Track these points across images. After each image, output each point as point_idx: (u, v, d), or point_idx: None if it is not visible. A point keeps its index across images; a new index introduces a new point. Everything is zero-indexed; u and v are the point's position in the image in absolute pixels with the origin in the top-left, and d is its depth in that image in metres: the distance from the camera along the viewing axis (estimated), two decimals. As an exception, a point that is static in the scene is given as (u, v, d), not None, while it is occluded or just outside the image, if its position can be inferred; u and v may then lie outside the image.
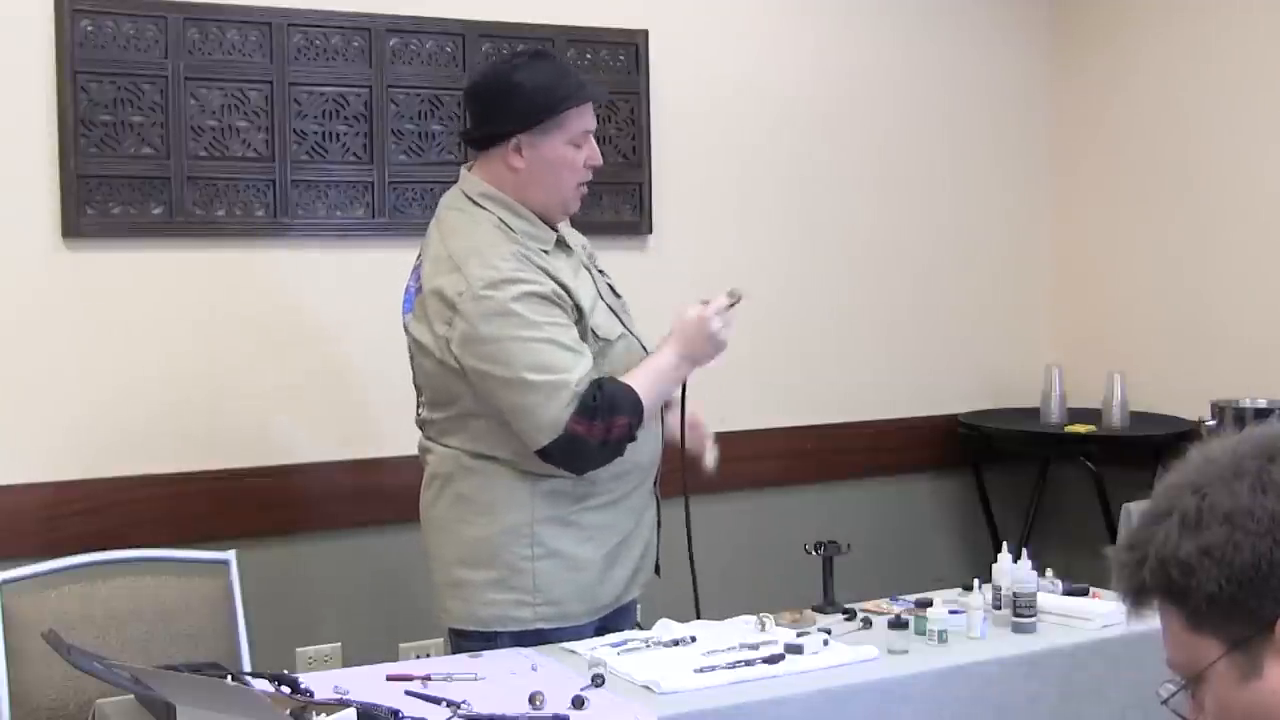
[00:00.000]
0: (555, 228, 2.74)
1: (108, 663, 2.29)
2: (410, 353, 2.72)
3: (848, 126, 4.36)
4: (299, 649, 3.59)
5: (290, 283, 3.59)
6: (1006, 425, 4.46)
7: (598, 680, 2.32)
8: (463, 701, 2.22)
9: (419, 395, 2.76)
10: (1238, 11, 4.19)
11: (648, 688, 2.32)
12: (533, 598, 2.64)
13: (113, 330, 3.40)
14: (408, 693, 2.28)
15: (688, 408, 2.83)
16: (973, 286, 4.61)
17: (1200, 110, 4.29)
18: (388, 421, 3.54)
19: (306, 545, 3.61)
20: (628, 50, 3.98)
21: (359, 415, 3.65)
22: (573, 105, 2.66)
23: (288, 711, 2.05)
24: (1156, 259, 4.45)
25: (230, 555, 2.98)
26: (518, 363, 2.53)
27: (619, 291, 2.85)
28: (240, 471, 3.52)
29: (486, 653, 2.55)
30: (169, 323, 3.45)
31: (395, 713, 2.13)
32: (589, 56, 3.92)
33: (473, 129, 2.79)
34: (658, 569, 2.86)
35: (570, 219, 2.86)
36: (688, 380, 2.77)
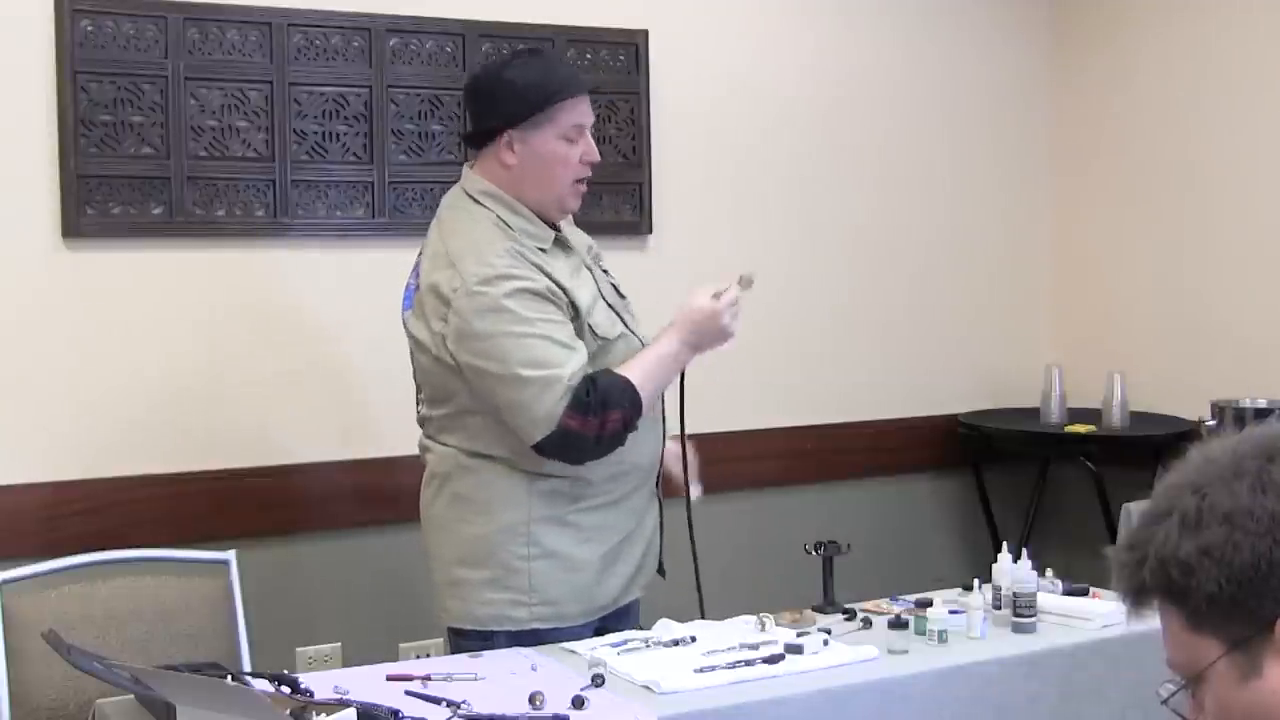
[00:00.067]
0: (557, 226, 2.74)
1: (108, 663, 2.29)
2: (410, 350, 2.73)
3: (848, 126, 4.36)
4: (299, 649, 3.59)
5: (290, 283, 3.59)
6: (1006, 425, 4.46)
7: (598, 680, 2.32)
8: (463, 701, 2.22)
9: (419, 392, 2.77)
10: (1238, 11, 4.19)
11: (648, 688, 2.32)
12: (528, 598, 2.64)
13: (113, 330, 3.40)
14: (408, 693, 2.28)
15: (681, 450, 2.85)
16: (972, 286, 4.61)
17: (1200, 110, 4.29)
18: (388, 421, 3.54)
19: (306, 545, 3.61)
20: (628, 50, 3.98)
21: (359, 415, 3.65)
22: (561, 99, 2.64)
23: (288, 711, 2.05)
24: (1156, 259, 4.45)
25: (230, 555, 2.98)
26: (511, 358, 2.54)
27: (624, 293, 2.85)
28: (240, 471, 3.52)
29: (486, 653, 2.55)
30: (169, 323, 3.45)
31: (395, 713, 2.13)
32: (589, 56, 3.92)
33: (470, 127, 2.81)
34: (662, 570, 2.86)
35: (573, 219, 2.86)
36: (687, 378, 2.77)
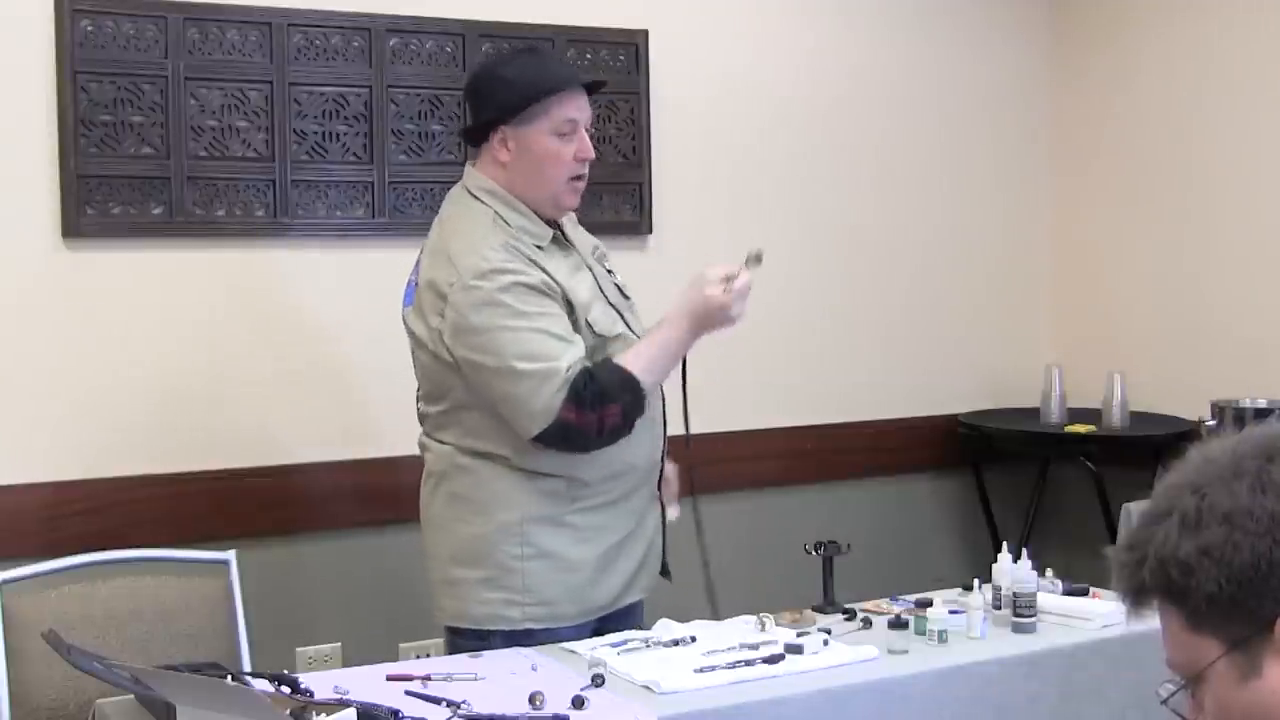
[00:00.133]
0: (557, 225, 2.74)
1: (108, 663, 2.29)
2: (410, 346, 2.74)
3: (848, 126, 4.36)
4: (299, 649, 3.59)
5: (290, 282, 3.59)
6: (1006, 425, 4.46)
7: (598, 680, 2.32)
8: (463, 701, 2.22)
9: (419, 389, 2.77)
10: (1239, 12, 4.19)
11: (648, 688, 2.31)
12: (523, 597, 2.64)
13: (113, 330, 3.40)
14: (408, 693, 2.28)
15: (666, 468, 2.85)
16: (973, 286, 4.61)
17: (1200, 110, 4.29)
18: (388, 421, 3.54)
19: (306, 545, 3.61)
20: (628, 50, 3.98)
21: (359, 415, 3.65)
22: (552, 93, 2.64)
23: (288, 711, 2.05)
24: (1156, 259, 4.45)
25: (230, 555, 2.98)
26: (507, 352, 2.54)
27: (628, 293, 2.85)
28: (240, 471, 3.52)
29: (486, 653, 2.55)
30: (169, 323, 3.45)
31: (395, 713, 2.13)
32: (589, 56, 3.92)
33: (468, 124, 2.82)
34: (667, 572, 2.86)
35: (576, 219, 2.87)
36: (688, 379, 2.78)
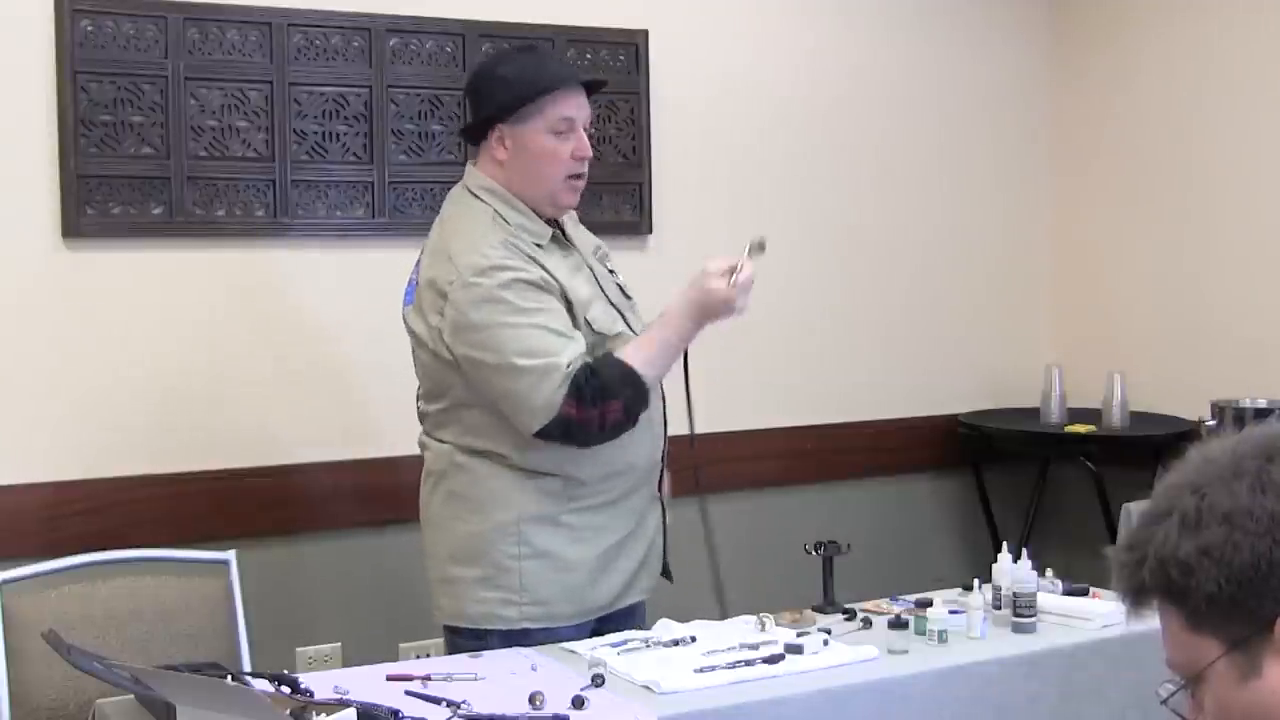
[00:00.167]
0: (557, 224, 2.74)
1: (108, 663, 2.29)
2: (411, 345, 2.74)
3: (848, 126, 4.36)
4: (299, 649, 3.59)
5: (290, 283, 3.59)
6: (1006, 425, 4.46)
7: (598, 680, 2.32)
8: (463, 701, 2.22)
9: (419, 388, 2.78)
10: (1239, 12, 4.19)
11: (648, 688, 2.32)
12: (519, 597, 2.64)
13: (113, 330, 3.40)
14: (408, 693, 2.28)
15: None
16: (973, 286, 4.61)
17: (1200, 110, 4.29)
18: (388, 421, 3.54)
19: (306, 545, 3.61)
20: (628, 50, 3.98)
21: (359, 415, 3.65)
22: (548, 92, 2.64)
23: (288, 711, 2.05)
24: (1156, 259, 4.45)
25: (230, 555, 2.98)
26: (507, 348, 2.54)
27: (630, 293, 2.85)
28: (240, 471, 3.52)
29: (486, 653, 2.55)
30: (169, 323, 3.45)
31: (395, 713, 2.13)
32: (589, 56, 3.92)
33: (467, 123, 2.83)
34: (668, 573, 2.85)
35: (578, 218, 2.87)
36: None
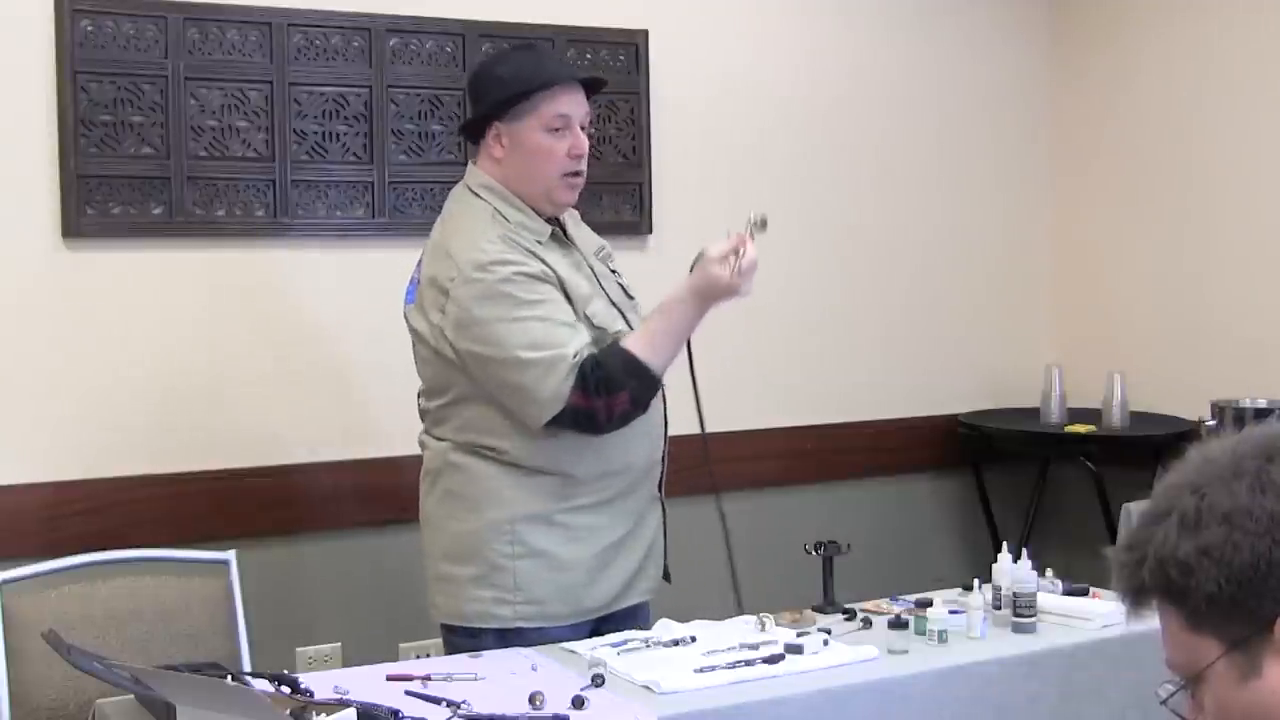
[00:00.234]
0: (557, 222, 2.74)
1: (108, 663, 2.29)
2: (412, 343, 2.75)
3: (848, 126, 4.36)
4: (299, 649, 3.59)
5: (290, 283, 3.59)
6: (1006, 425, 4.46)
7: (598, 680, 2.32)
8: (463, 701, 2.22)
9: (420, 386, 2.78)
10: (1239, 12, 4.19)
11: (648, 688, 2.31)
12: (513, 596, 2.64)
13: (113, 330, 3.40)
14: (408, 693, 2.28)
15: None
16: (973, 286, 4.61)
17: (1200, 110, 4.29)
18: (388, 421, 3.54)
19: (307, 545, 3.61)
20: (628, 50, 3.98)
21: (359, 415, 3.65)
22: (543, 89, 2.64)
23: (288, 711, 2.05)
24: (1156, 259, 4.45)
25: (230, 555, 2.98)
26: (512, 342, 2.54)
27: (632, 294, 2.85)
28: (240, 471, 3.52)
29: (486, 653, 2.55)
30: (169, 323, 3.45)
31: (395, 713, 2.13)
32: (589, 56, 3.92)
33: (465, 121, 2.84)
34: (667, 575, 2.85)
35: (580, 218, 2.87)
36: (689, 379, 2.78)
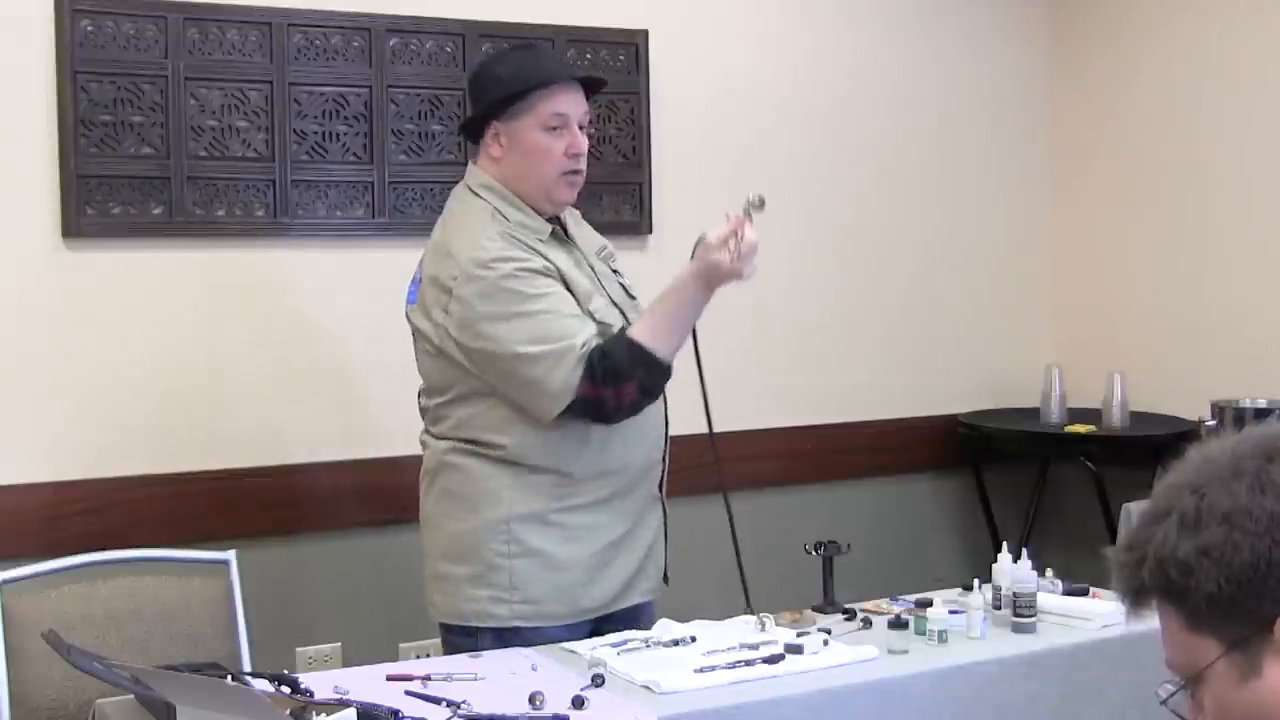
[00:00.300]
0: (559, 221, 2.75)
1: (108, 663, 2.29)
2: (414, 343, 2.75)
3: (848, 126, 4.36)
4: (299, 649, 3.59)
5: (290, 283, 3.59)
6: (1006, 425, 4.46)
7: (598, 680, 2.32)
8: (463, 701, 2.22)
9: (421, 385, 2.78)
10: (1239, 12, 4.19)
11: (648, 688, 2.31)
12: (509, 595, 2.64)
13: (113, 330, 3.40)
14: (408, 693, 2.28)
15: None
16: (972, 286, 4.61)
17: (1200, 110, 4.29)
18: (388, 421, 3.55)
19: (307, 545, 3.61)
20: (628, 50, 3.98)
21: (359, 415, 3.65)
22: (540, 88, 2.65)
23: (288, 711, 2.05)
24: (1156, 259, 4.45)
25: (230, 555, 2.98)
26: (519, 337, 2.55)
27: (634, 294, 2.84)
28: (240, 471, 3.52)
29: (486, 653, 2.55)
30: (169, 323, 3.45)
31: (395, 713, 2.13)
32: (589, 56, 3.92)
33: (465, 120, 2.85)
34: (665, 576, 2.84)
35: (582, 217, 2.87)
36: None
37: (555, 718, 2.17)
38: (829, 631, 2.60)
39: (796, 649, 2.46)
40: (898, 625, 2.65)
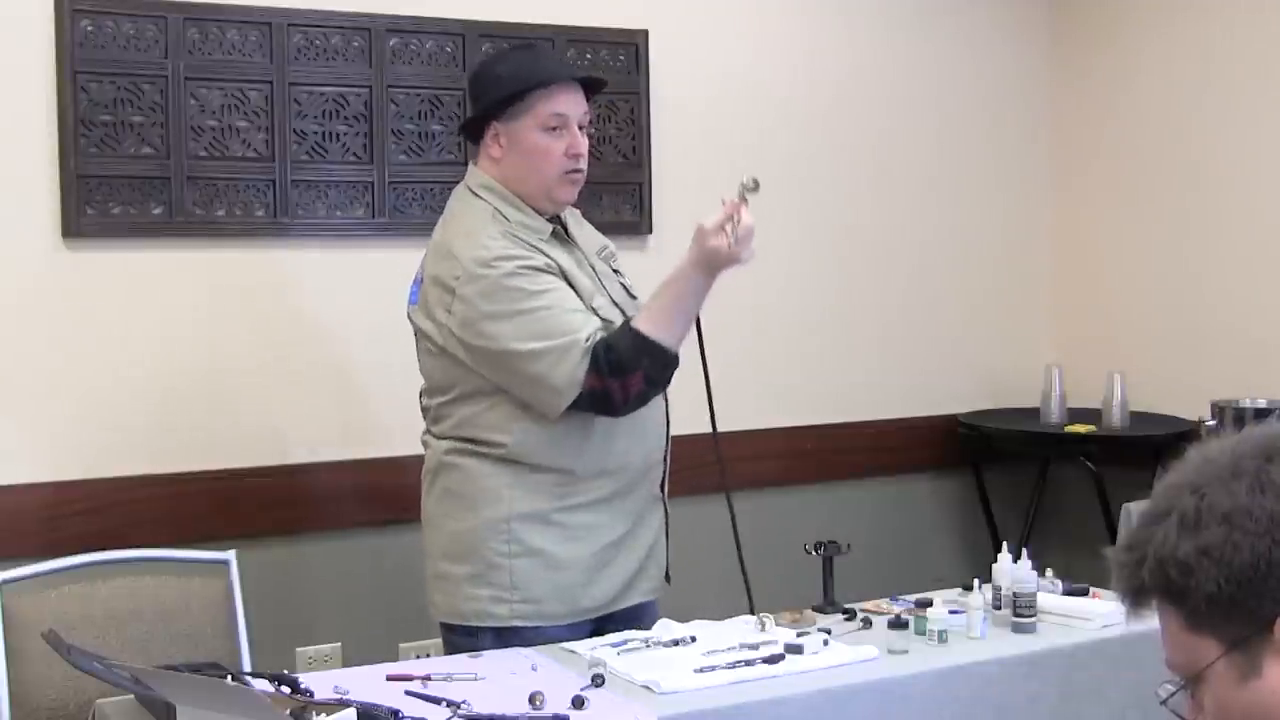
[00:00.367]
0: (559, 221, 2.75)
1: (108, 663, 2.29)
2: (416, 343, 2.75)
3: (848, 126, 4.36)
4: (299, 649, 3.59)
5: (290, 283, 3.59)
6: (1006, 425, 4.46)
7: (598, 680, 2.32)
8: (463, 701, 2.22)
9: (423, 385, 2.78)
10: (1240, 11, 4.19)
11: (648, 688, 2.31)
12: (509, 594, 2.64)
13: (113, 330, 3.40)
14: (408, 693, 2.28)
15: None
16: (972, 286, 4.61)
17: (1201, 110, 4.29)
18: (388, 421, 3.55)
19: (307, 545, 3.61)
20: (628, 50, 3.98)
21: (359, 415, 3.65)
22: (539, 88, 2.65)
23: (288, 711, 2.05)
24: (1156, 259, 4.45)
25: (230, 555, 2.98)
26: (523, 334, 2.55)
27: (635, 294, 2.84)
28: (240, 471, 3.52)
29: (486, 653, 2.55)
30: (169, 323, 3.45)
31: (395, 713, 2.13)
32: (589, 56, 3.92)
33: (465, 121, 2.85)
34: (667, 576, 2.84)
35: (583, 217, 2.87)
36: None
37: (555, 718, 2.17)
38: (829, 631, 2.60)
39: (796, 649, 2.46)
40: (898, 625, 2.65)
